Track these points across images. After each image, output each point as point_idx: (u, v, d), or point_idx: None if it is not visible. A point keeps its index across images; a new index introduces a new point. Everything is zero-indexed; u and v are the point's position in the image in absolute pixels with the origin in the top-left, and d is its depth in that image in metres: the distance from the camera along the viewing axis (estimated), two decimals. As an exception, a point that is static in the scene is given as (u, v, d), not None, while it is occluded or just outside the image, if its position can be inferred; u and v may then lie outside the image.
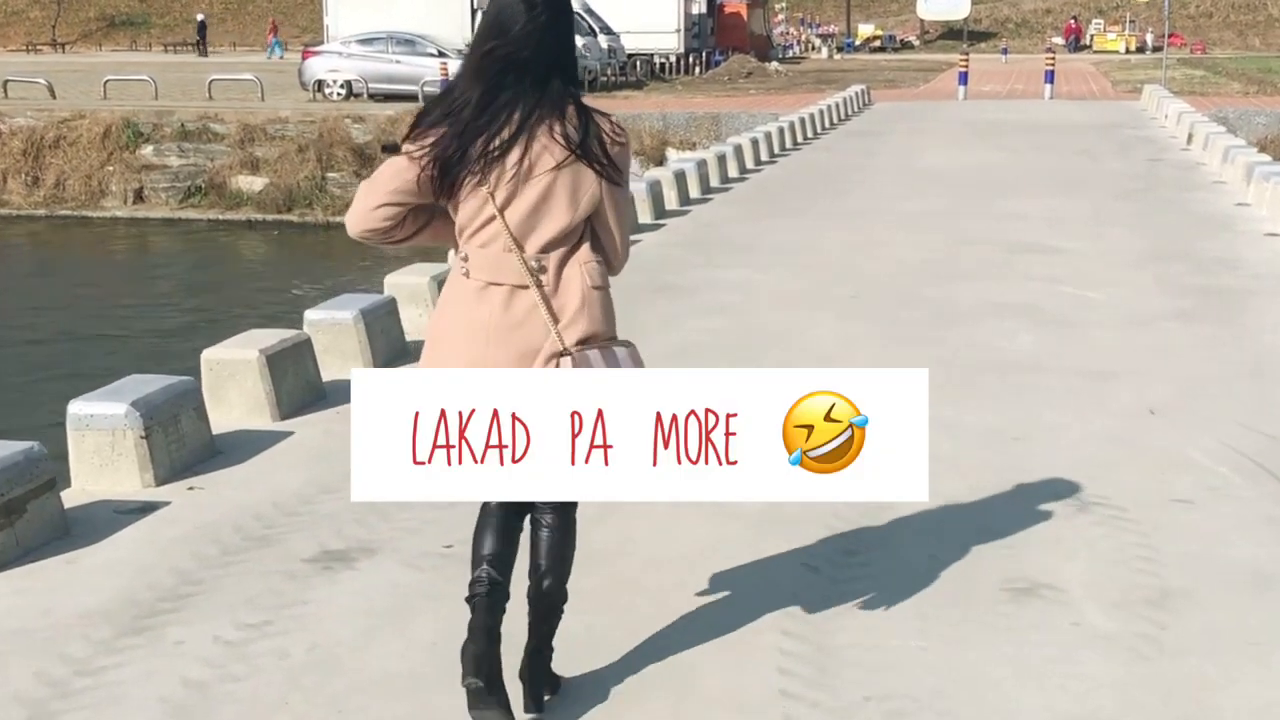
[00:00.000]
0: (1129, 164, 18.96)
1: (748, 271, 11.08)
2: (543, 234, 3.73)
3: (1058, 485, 5.94)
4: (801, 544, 5.32)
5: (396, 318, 8.36)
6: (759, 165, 19.36)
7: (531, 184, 3.70)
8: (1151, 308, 9.57)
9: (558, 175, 3.71)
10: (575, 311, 3.76)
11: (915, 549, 5.26)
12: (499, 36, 3.73)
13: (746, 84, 41.33)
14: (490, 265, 3.73)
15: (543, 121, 3.71)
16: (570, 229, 3.76)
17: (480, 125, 3.69)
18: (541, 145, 3.70)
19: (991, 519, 5.57)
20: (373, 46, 35.63)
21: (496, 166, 3.68)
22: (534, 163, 3.69)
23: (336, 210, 27.92)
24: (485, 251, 3.73)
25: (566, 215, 3.74)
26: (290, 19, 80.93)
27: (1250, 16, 72.83)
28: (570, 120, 3.73)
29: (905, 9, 78.52)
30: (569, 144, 3.71)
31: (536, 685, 4.00)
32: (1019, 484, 5.98)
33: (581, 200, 3.76)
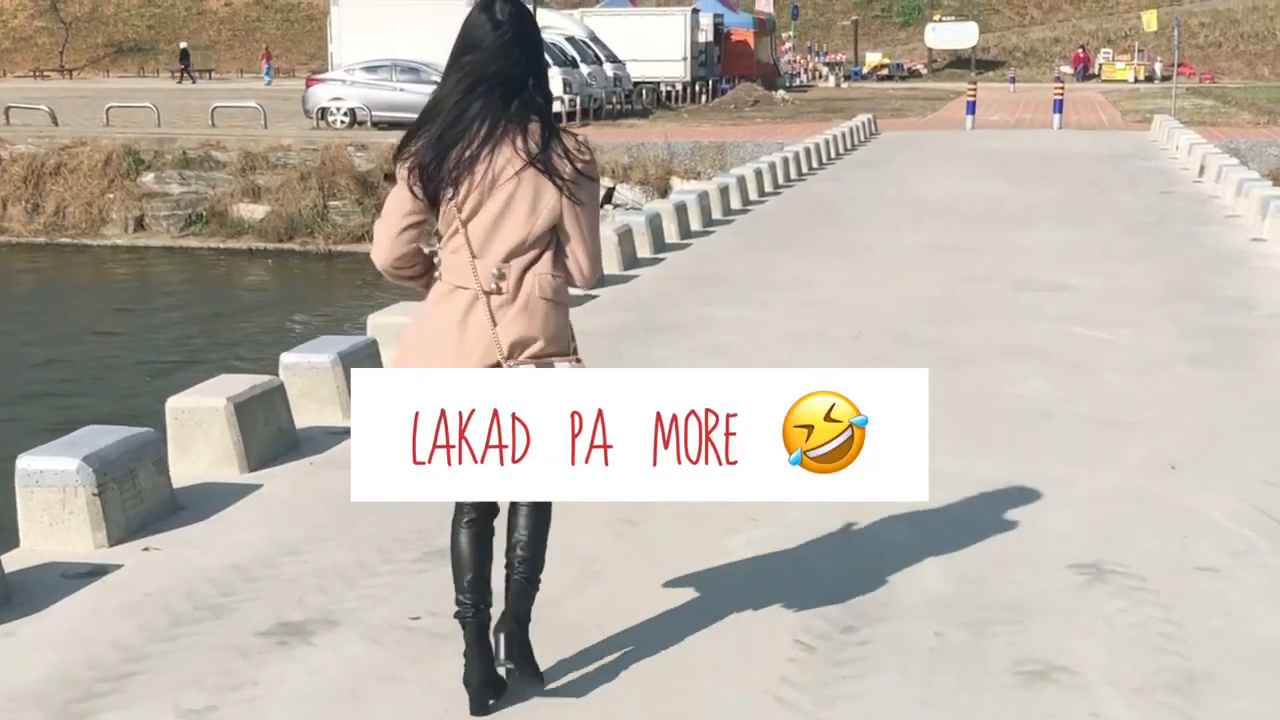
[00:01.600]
0: (1140, 196, 18.60)
1: (747, 309, 10.72)
2: (503, 243, 3.93)
3: (1072, 549, 5.56)
4: (796, 616, 4.94)
5: (378, 360, 7.99)
6: (763, 197, 19.01)
7: (494, 195, 3.90)
8: (1166, 350, 9.20)
9: (518, 187, 3.90)
10: (514, 315, 3.92)
11: (919, 623, 4.87)
12: (468, 52, 3.93)
13: (753, 112, 41.05)
14: (457, 270, 3.95)
15: (507, 135, 3.90)
16: (530, 240, 3.94)
17: (452, 137, 3.90)
18: (505, 158, 3.90)
19: (1001, 588, 5.18)
20: (377, 74, 35.37)
21: (466, 177, 3.89)
22: (497, 174, 3.89)
23: (338, 239, 27.69)
24: (455, 257, 3.96)
25: (525, 226, 3.93)
26: (297, 46, 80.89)
27: (1259, 46, 72.52)
28: (533, 135, 3.92)
29: (913, 38, 78.34)
30: (530, 157, 3.90)
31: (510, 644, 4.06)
32: (1031, 547, 5.59)
33: (541, 212, 3.93)
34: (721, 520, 5.90)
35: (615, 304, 10.92)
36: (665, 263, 13.30)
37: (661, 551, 5.57)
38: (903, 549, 5.57)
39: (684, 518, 5.94)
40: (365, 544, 5.66)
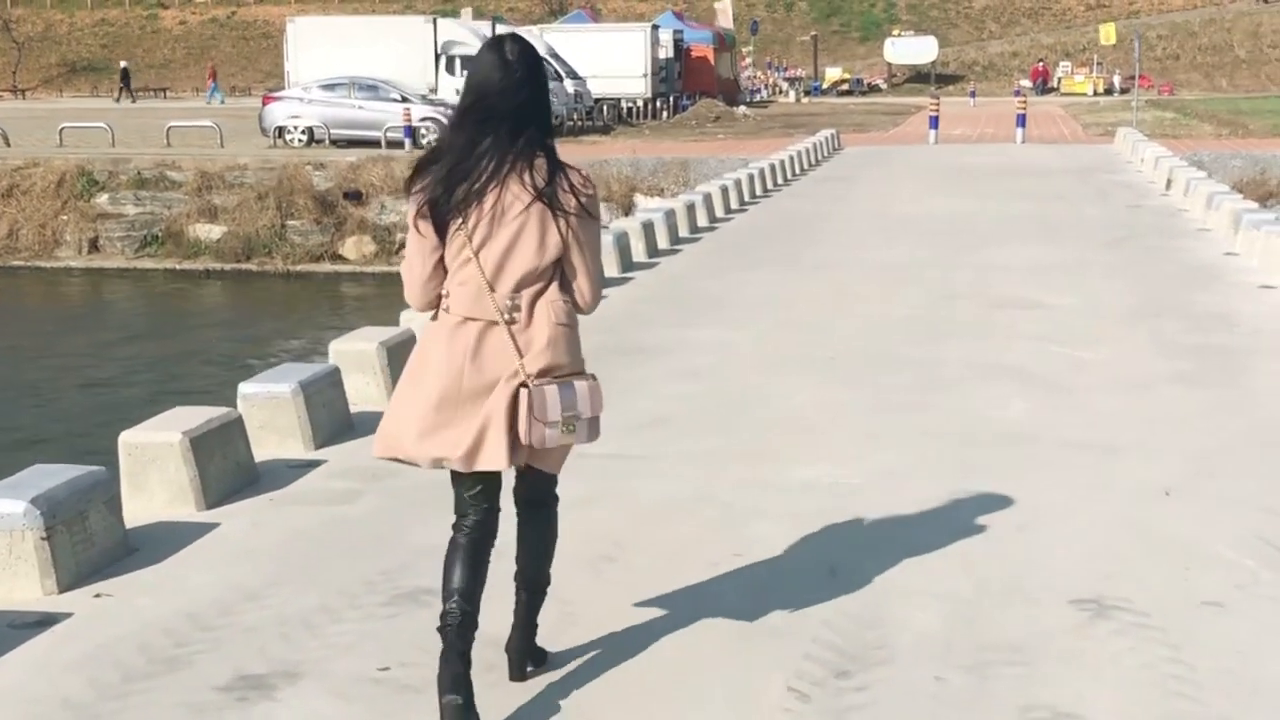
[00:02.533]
0: (1109, 210, 18.46)
1: (720, 330, 10.46)
2: (514, 274, 4.05)
3: (1072, 584, 5.32)
4: (788, 661, 4.67)
5: (341, 389, 7.69)
6: (729, 214, 18.79)
7: (504, 228, 4.02)
8: (1149, 370, 8.99)
9: (527, 220, 4.03)
10: (542, 347, 4.06)
11: (919, 667, 4.61)
12: (479, 91, 4.08)
13: (715, 128, 40.88)
14: (468, 302, 4.05)
15: (515, 170, 4.03)
16: (539, 270, 4.07)
17: (462, 172, 4.02)
18: (513, 193, 4.02)
19: (1001, 627, 4.93)
20: (335, 92, 35.02)
21: (475, 211, 4.01)
22: (506, 208, 4.02)
23: (297, 259, 27.35)
24: (464, 289, 4.06)
25: (535, 257, 4.05)
26: (253, 64, 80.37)
27: (1217, 58, 72.89)
28: (540, 170, 4.05)
29: (872, 52, 78.39)
30: (538, 191, 4.03)
31: (521, 657, 4.50)
32: (1029, 583, 5.35)
33: (549, 244, 4.06)
34: (705, 556, 5.64)
35: (586, 325, 10.48)
36: (634, 282, 13.04)
37: (642, 590, 5.30)
38: (895, 586, 5.32)
39: (665, 553, 5.69)
40: (329, 587, 5.37)
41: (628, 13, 78.10)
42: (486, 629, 4.77)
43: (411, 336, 8.62)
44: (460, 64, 37.23)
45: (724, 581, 5.38)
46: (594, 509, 6.14)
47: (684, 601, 5.18)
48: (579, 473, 6.43)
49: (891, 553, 5.67)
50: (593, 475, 6.56)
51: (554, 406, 4.06)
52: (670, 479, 6.68)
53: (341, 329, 21.65)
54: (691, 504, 6.31)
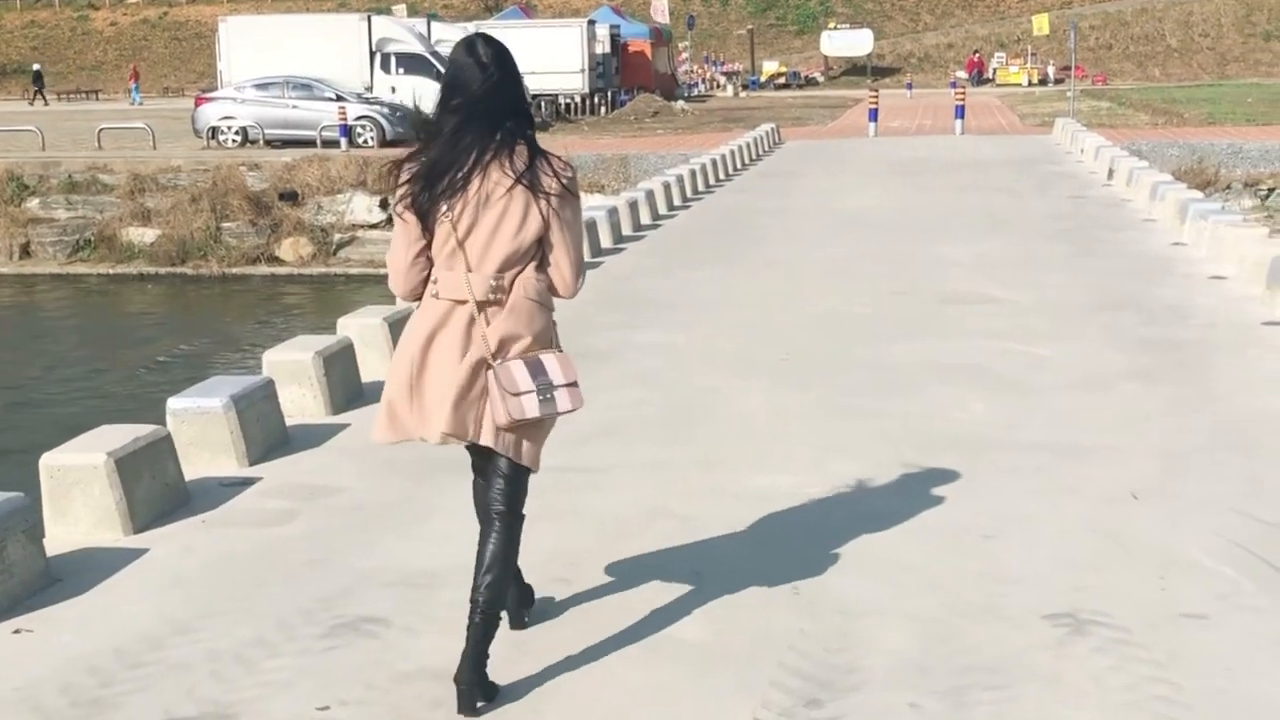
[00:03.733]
0: (1053, 202, 18.34)
1: (668, 332, 10.20)
2: (497, 257, 4.22)
3: (1045, 597, 5.09)
4: (754, 689, 4.41)
5: (275, 402, 7.37)
6: (672, 210, 18.53)
7: (487, 213, 4.21)
8: (1107, 366, 8.80)
9: (509, 204, 4.21)
10: (502, 318, 4.24)
11: (892, 693, 4.36)
12: (457, 94, 4.27)
13: (653, 123, 40.63)
14: (455, 286, 4.24)
15: (496, 157, 4.22)
16: (521, 252, 4.25)
17: (445, 164, 4.22)
18: (494, 180, 4.21)
19: (976, 647, 4.69)
20: (269, 91, 34.51)
21: (459, 199, 4.21)
22: (489, 194, 4.21)
23: (233, 261, 26.87)
24: (451, 274, 4.24)
25: (516, 240, 4.23)
26: (186, 65, 79.38)
27: (1149, 47, 73.35)
28: (520, 156, 4.24)
29: (809, 45, 78.38)
30: (518, 175, 4.21)
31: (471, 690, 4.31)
32: (1000, 597, 5.11)
33: (529, 225, 4.23)
34: (662, 575, 5.37)
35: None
36: (577, 283, 12.72)
37: (598, 615, 5.03)
38: (862, 603, 5.07)
39: (621, 573, 5.42)
40: (265, 618, 5.06)
41: (563, 8, 77.74)
42: (432, 662, 4.51)
43: (348, 345, 8.32)
44: (395, 61, 36.81)
45: (683, 603, 5.11)
46: (544, 527, 5.84)
47: (642, 626, 4.91)
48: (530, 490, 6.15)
49: (857, 567, 5.43)
50: (542, 490, 6.24)
51: (522, 378, 4.21)
52: (623, 492, 6.40)
53: (280, 332, 21.32)
54: (646, 519, 6.03)
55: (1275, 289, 10.33)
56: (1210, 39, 73.22)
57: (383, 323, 8.92)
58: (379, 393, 8.33)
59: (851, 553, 5.59)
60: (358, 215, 27.42)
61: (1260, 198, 25.90)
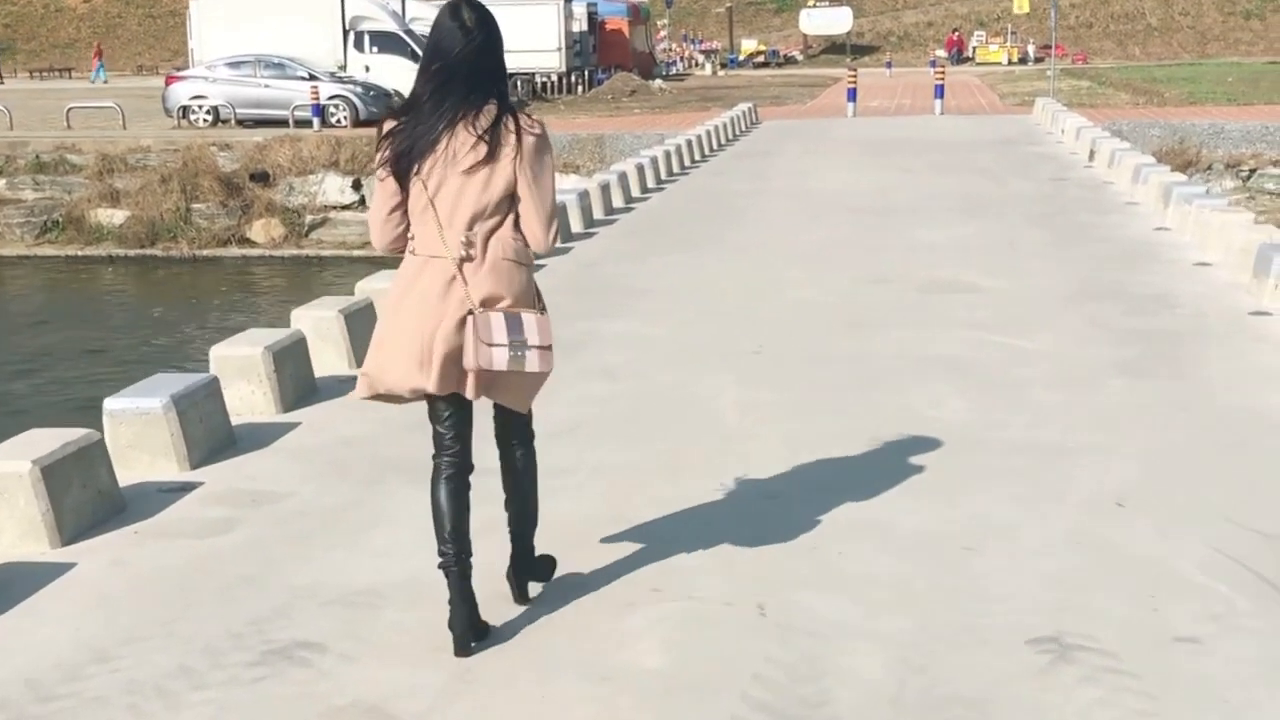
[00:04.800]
0: (1034, 184, 18.03)
1: (637, 322, 9.85)
2: (466, 213, 4.36)
3: (1027, 619, 4.76)
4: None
5: (220, 401, 7.00)
6: (645, 193, 18.17)
7: (454, 170, 4.35)
8: (1092, 359, 8.48)
9: (477, 160, 4.34)
10: (484, 276, 4.35)
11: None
12: (440, 57, 4.42)
13: (630, 103, 40.22)
14: (429, 242, 4.39)
15: (465, 116, 4.36)
16: (490, 208, 4.37)
17: (421, 127, 4.38)
18: (462, 140, 4.34)
19: (954, 676, 4.36)
20: (240, 70, 34.01)
21: (429, 159, 4.36)
22: (455, 152, 4.34)
23: (203, 243, 26.52)
24: (425, 231, 4.40)
25: (485, 195, 4.36)
26: (160, 43, 78.50)
27: (1130, 26, 73.05)
28: (488, 113, 4.37)
29: (788, 24, 77.89)
30: (482, 133, 4.34)
31: (522, 582, 4.92)
32: (980, 618, 4.79)
33: (496, 181, 4.35)
34: (619, 592, 5.04)
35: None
36: (546, 268, 12.34)
37: (548, 637, 4.70)
38: (834, 626, 4.74)
39: (575, 589, 5.08)
40: (192, 643, 4.71)
41: (541, -14, 77.02)
42: (368, 695, 4.19)
43: (301, 339, 7.96)
44: (369, 40, 36.30)
45: (641, 625, 4.78)
46: (494, 537, 5.51)
47: (596, 651, 4.58)
48: (477, 491, 5.83)
49: (828, 583, 5.10)
50: (494, 495, 5.93)
51: (499, 330, 4.32)
52: (582, 498, 6.05)
53: (249, 317, 20.90)
54: (605, 528, 5.69)
55: (1262, 277, 10.02)
56: (1190, 17, 72.97)
57: (338, 315, 8.54)
58: (333, 389, 8.07)
59: (822, 566, 5.27)
60: (330, 196, 27.04)
61: (1241, 179, 25.65)
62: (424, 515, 5.80)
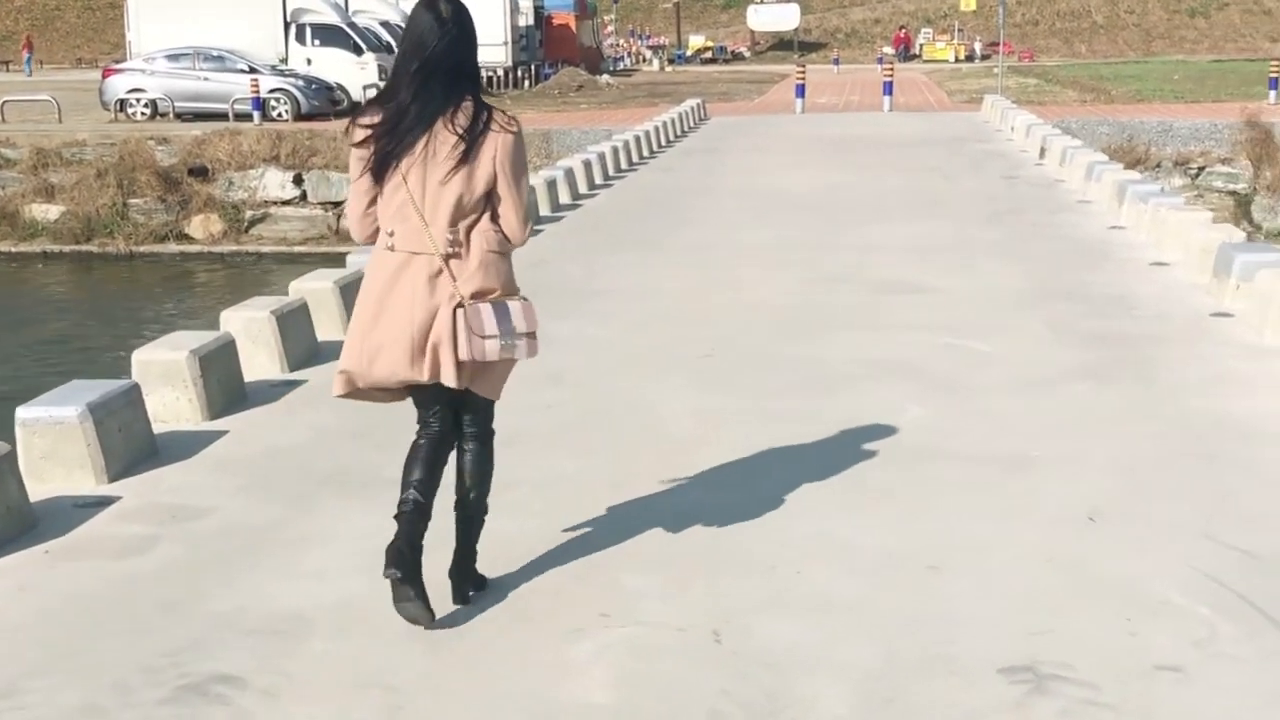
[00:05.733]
0: (985, 182, 17.83)
1: (583, 324, 9.51)
2: (448, 210, 4.43)
3: (999, 645, 4.47)
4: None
5: (141, 408, 6.61)
6: (593, 190, 17.84)
7: (436, 168, 4.42)
8: (1052, 363, 8.22)
9: (456, 159, 4.42)
10: (473, 271, 4.45)
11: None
12: (416, 50, 4.48)
13: (577, 98, 39.87)
14: (411, 238, 4.45)
15: (444, 113, 4.44)
16: (471, 204, 4.47)
17: (398, 123, 4.44)
18: (442, 138, 4.43)
19: (923, 709, 4.07)
20: (179, 63, 33.43)
21: (409, 157, 4.43)
22: (437, 150, 4.42)
23: (140, 239, 25.98)
24: (406, 226, 4.46)
25: (466, 193, 4.44)
26: (99, 35, 77.51)
27: (1075, 23, 73.36)
28: (466, 111, 4.45)
29: (735, 20, 77.81)
30: (463, 132, 4.42)
31: (463, 583, 4.82)
32: (949, 645, 4.49)
33: (477, 179, 4.45)
34: (565, 618, 4.71)
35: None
36: (489, 268, 12.01)
37: (487, 669, 4.37)
38: (794, 653, 4.43)
39: (517, 615, 4.75)
40: (100, 677, 4.34)
41: (487, -20, 76.48)
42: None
43: (229, 342, 7.58)
44: (311, 33, 35.74)
45: (588, 654, 4.45)
46: (430, 556, 5.17)
47: (540, 684, 4.25)
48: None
49: (786, 607, 4.79)
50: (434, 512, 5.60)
51: (489, 321, 4.42)
52: (525, 514, 5.70)
53: (185, 316, 20.41)
54: (549, 547, 5.36)
55: (1223, 278, 9.80)
56: (1136, 15, 73.40)
57: (270, 316, 8.15)
58: (264, 394, 7.69)
59: (781, 589, 4.96)
60: (271, 191, 26.54)
61: (1190, 176, 25.61)
62: (358, 533, 5.52)
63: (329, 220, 26.23)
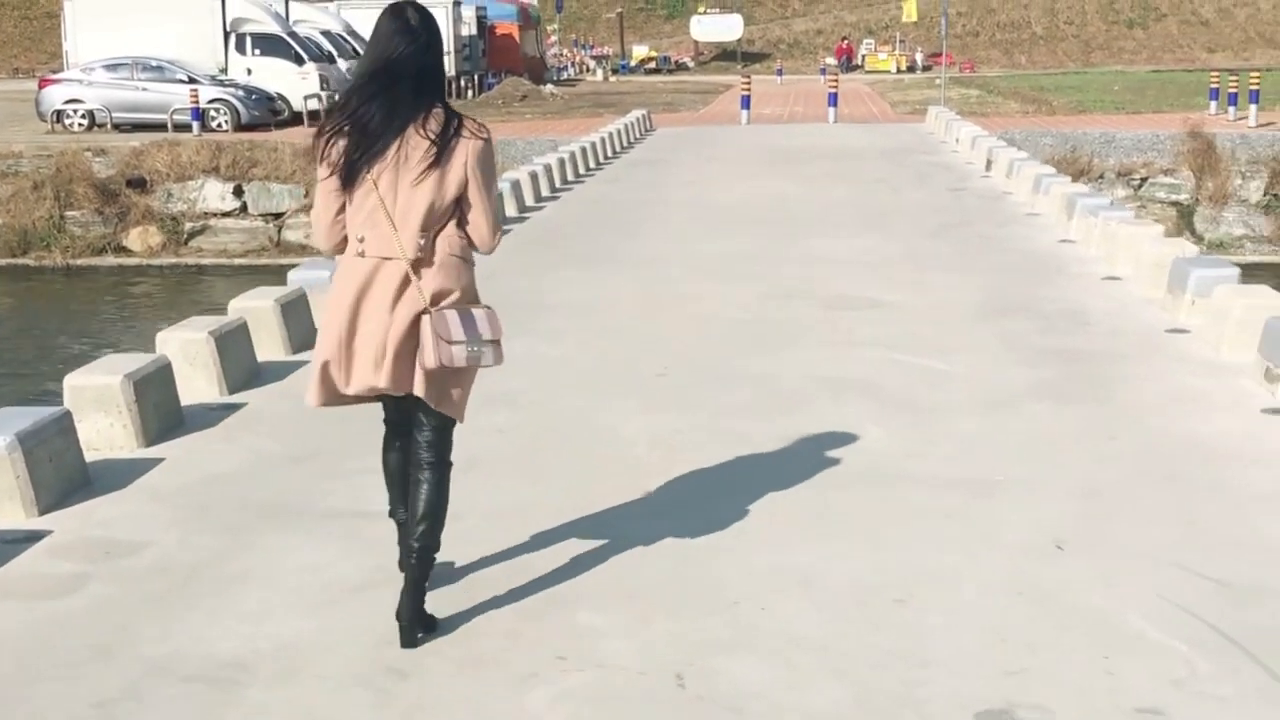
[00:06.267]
0: (932, 195, 17.74)
1: (533, 342, 9.27)
2: (418, 216, 4.43)
3: (972, 686, 4.30)
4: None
5: (73, 436, 6.33)
6: (540, 202, 17.61)
7: (407, 175, 4.42)
8: (1009, 382, 8.08)
9: (426, 165, 4.41)
10: (433, 273, 4.45)
11: (800, 832, 3.54)
12: (383, 57, 4.49)
13: (521, 108, 39.63)
14: (381, 244, 4.44)
15: (414, 120, 4.44)
16: (441, 210, 4.47)
17: (367, 128, 4.42)
18: (413, 144, 4.42)
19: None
20: (117, 73, 32.90)
21: (379, 163, 4.42)
22: (408, 156, 4.42)
23: (78, 252, 25.61)
24: (377, 233, 4.44)
25: (437, 200, 4.44)
26: (36, 45, 76.35)
27: (1015, 34, 73.78)
28: (437, 118, 4.47)
29: (678, 30, 77.74)
30: (434, 139, 4.43)
31: (413, 624, 4.60)
32: (920, 686, 4.31)
33: (448, 185, 4.45)
34: (518, 662, 4.50)
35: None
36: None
37: (437, 718, 4.14)
38: (761, 697, 4.24)
39: (468, 658, 4.53)
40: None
41: (430, -11, 76.04)
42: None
43: (165, 365, 7.31)
44: (251, 42, 35.30)
45: (544, 702, 4.24)
46: (374, 596, 4.96)
47: None
48: (359, 542, 5.30)
49: (750, 648, 4.60)
50: (377, 543, 5.38)
51: (456, 327, 4.40)
52: (476, 547, 5.46)
53: (123, 331, 20.02)
54: (500, 584, 5.14)
55: (1178, 293, 9.71)
56: (1075, 26, 73.93)
57: (208, 337, 7.87)
58: (201, 419, 7.41)
59: (745, 625, 4.76)
60: (210, 203, 26.19)
61: (1133, 187, 25.72)
62: (299, 568, 5.28)
63: (270, 232, 25.90)
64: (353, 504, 6.03)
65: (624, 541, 5.54)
